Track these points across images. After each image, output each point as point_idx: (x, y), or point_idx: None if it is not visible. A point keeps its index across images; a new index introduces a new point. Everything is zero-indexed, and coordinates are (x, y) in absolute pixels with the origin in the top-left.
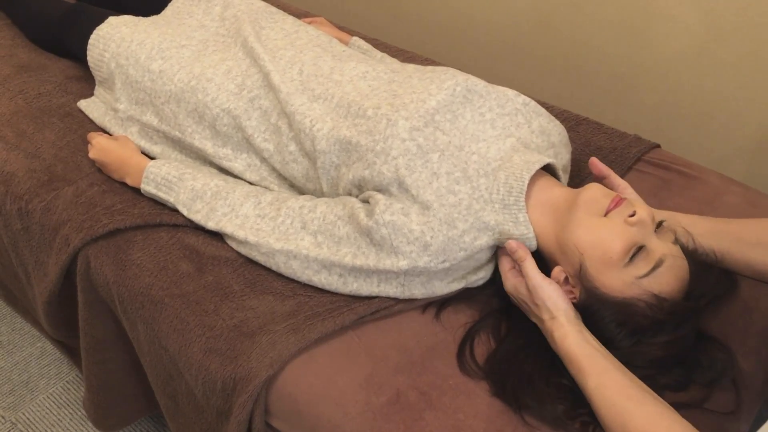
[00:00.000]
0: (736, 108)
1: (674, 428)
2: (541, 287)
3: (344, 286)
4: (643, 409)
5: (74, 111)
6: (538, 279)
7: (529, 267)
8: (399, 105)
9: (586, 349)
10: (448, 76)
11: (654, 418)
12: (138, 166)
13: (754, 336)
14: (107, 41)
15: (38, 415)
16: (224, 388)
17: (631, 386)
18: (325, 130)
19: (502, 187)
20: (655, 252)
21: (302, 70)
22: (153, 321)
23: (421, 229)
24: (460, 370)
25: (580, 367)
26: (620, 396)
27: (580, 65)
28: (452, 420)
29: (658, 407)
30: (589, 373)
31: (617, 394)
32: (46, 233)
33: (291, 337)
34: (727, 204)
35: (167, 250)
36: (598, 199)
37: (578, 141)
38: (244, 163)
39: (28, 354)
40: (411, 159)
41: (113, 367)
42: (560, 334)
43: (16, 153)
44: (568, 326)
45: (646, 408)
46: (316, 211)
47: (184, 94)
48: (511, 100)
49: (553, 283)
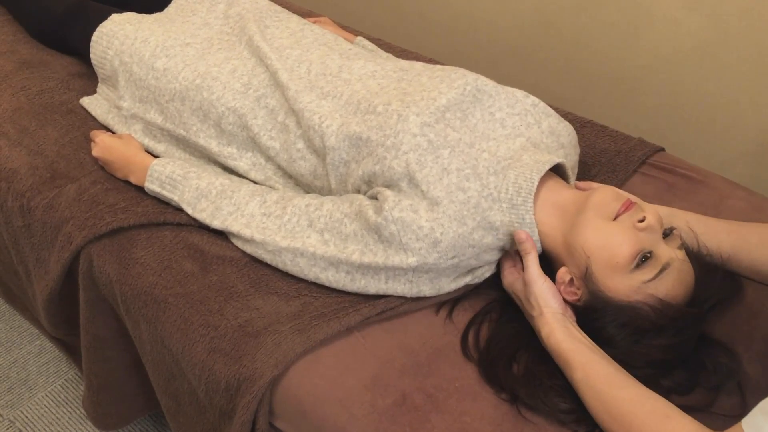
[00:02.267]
0: (739, 111)
1: (657, 407)
2: (535, 282)
3: (352, 283)
4: (625, 392)
5: (77, 108)
6: (535, 274)
7: (531, 260)
8: (410, 101)
9: (571, 344)
10: (459, 75)
11: (638, 399)
12: (142, 165)
13: (759, 340)
14: (111, 38)
15: (37, 413)
16: (228, 388)
17: (614, 373)
18: (334, 127)
19: (511, 186)
20: (662, 257)
21: (310, 69)
22: (156, 320)
23: (430, 225)
24: (463, 354)
25: (566, 360)
26: (604, 384)
27: (583, 67)
28: (458, 423)
29: (641, 390)
30: (575, 366)
31: (601, 383)
32: (48, 231)
33: (296, 338)
34: (732, 208)
35: (171, 249)
36: (608, 202)
37: (582, 143)
38: (248, 162)
39: (26, 352)
40: (422, 154)
41: (114, 366)
42: (546, 330)
43: (18, 150)
44: (554, 323)
45: (628, 391)
46: (322, 208)
47: (189, 92)
48: (521, 101)
49: (549, 281)
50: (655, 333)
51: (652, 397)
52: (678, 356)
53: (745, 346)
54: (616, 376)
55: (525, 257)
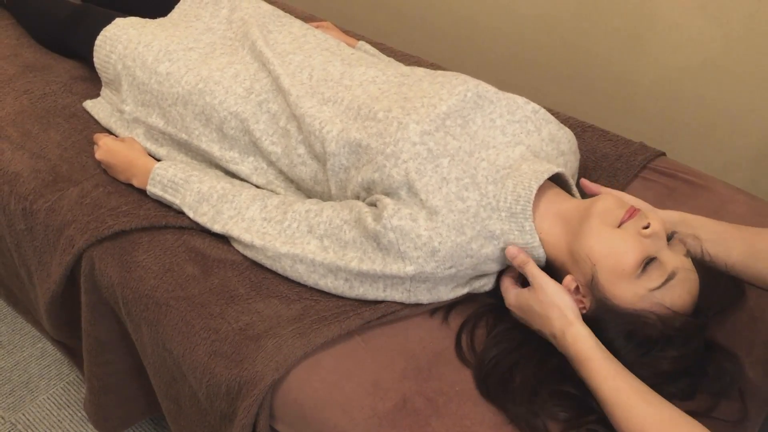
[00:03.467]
0: (739, 116)
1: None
2: (548, 284)
3: (350, 290)
4: (663, 414)
5: (79, 111)
6: (544, 278)
7: (532, 268)
8: (410, 108)
9: (600, 351)
10: (459, 81)
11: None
12: (145, 168)
13: (761, 345)
14: (114, 42)
15: (38, 416)
16: (229, 391)
17: (647, 391)
18: (334, 132)
19: (509, 195)
20: (668, 264)
21: (312, 74)
22: (157, 323)
23: (429, 234)
24: (458, 357)
25: (595, 368)
26: (639, 400)
27: (585, 72)
28: (459, 427)
29: (676, 413)
30: (605, 375)
31: (635, 398)
32: (50, 234)
33: (297, 342)
34: (733, 213)
35: (173, 252)
36: (613, 209)
37: (584, 148)
38: (250, 167)
39: (28, 354)
40: (421, 163)
41: (115, 369)
42: (573, 333)
43: (21, 153)
44: (580, 326)
45: (665, 413)
46: (322, 215)
47: (192, 97)
48: (521, 108)
49: (558, 284)
50: (663, 345)
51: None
52: (685, 367)
53: (746, 352)
54: (649, 394)
55: (524, 268)
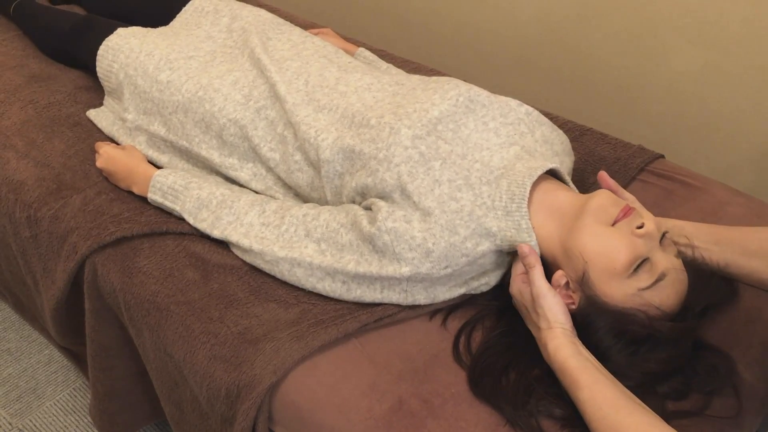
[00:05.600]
0: (740, 119)
1: None
2: (545, 296)
3: (348, 292)
4: (632, 419)
5: (83, 120)
6: (544, 288)
7: (537, 275)
8: (402, 114)
9: (579, 361)
10: (451, 86)
11: (644, 428)
12: (145, 175)
13: (757, 346)
14: (116, 52)
15: (45, 421)
16: (228, 394)
17: (621, 397)
18: (329, 140)
19: (504, 194)
20: (659, 265)
21: (308, 81)
22: (159, 328)
23: (423, 235)
24: (455, 359)
25: (572, 378)
26: (611, 408)
27: (585, 76)
28: (454, 428)
29: (648, 417)
30: (582, 385)
31: (608, 406)
32: (54, 241)
33: (295, 345)
34: (731, 215)
35: (173, 257)
36: (607, 207)
37: (582, 151)
38: (249, 173)
39: (35, 361)
40: (413, 166)
41: (119, 374)
42: (554, 345)
43: (26, 161)
44: (563, 338)
45: (635, 418)
46: (319, 218)
47: (192, 105)
48: (514, 110)
49: (557, 295)
50: (651, 345)
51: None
52: (674, 368)
53: (743, 352)
54: (622, 400)
55: (530, 271)
